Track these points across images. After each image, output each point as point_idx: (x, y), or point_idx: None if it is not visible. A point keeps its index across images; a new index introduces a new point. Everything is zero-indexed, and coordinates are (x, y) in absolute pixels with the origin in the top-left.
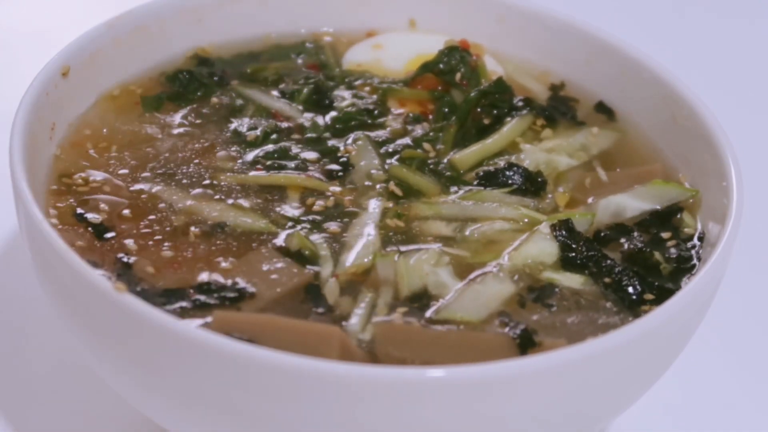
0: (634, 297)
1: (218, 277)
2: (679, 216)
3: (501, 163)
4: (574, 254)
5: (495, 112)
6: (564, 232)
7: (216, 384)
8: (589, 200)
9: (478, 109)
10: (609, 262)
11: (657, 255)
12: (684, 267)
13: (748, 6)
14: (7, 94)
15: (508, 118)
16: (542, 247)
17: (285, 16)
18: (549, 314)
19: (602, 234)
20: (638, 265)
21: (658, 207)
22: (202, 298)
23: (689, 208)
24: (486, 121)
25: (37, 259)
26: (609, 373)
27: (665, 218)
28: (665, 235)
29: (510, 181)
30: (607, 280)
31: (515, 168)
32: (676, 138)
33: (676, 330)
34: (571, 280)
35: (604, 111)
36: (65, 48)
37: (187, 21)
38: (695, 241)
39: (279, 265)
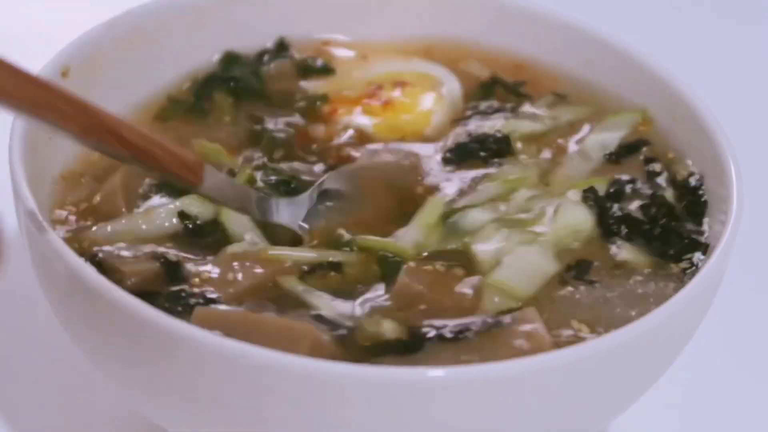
0: (674, 254)
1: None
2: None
3: (462, 136)
4: (611, 220)
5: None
6: (594, 197)
7: (217, 384)
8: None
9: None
10: (645, 225)
11: (667, 196)
12: (694, 200)
13: (749, 6)
14: None
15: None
16: (576, 215)
17: (288, 17)
18: (592, 290)
19: (611, 190)
20: (658, 212)
21: (625, 132)
22: (178, 306)
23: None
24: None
25: (37, 259)
26: (609, 373)
27: (646, 158)
28: (657, 167)
29: (482, 152)
30: (646, 241)
31: (480, 137)
32: (676, 137)
33: (676, 329)
34: (624, 251)
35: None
36: (65, 48)
37: (188, 21)
38: (693, 181)
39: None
